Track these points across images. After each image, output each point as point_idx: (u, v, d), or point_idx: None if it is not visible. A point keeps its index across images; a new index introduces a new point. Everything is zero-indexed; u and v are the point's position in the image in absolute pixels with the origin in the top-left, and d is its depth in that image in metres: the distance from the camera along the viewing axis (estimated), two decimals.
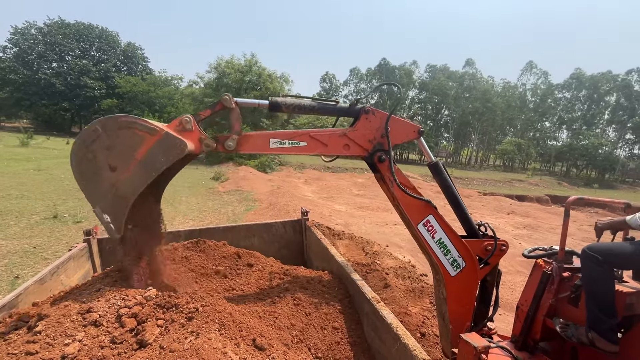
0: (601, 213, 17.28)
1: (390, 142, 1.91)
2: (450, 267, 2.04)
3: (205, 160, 23.29)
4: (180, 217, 8.42)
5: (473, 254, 2.02)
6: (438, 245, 2.03)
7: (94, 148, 1.57)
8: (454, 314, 2.13)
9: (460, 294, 2.07)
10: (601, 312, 1.81)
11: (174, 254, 2.49)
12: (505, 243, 2.00)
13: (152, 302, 1.56)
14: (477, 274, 2.04)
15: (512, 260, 7.15)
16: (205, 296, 1.58)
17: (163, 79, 44.55)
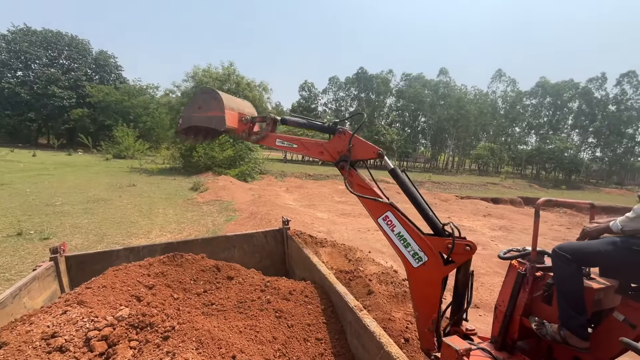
0: (569, 213, 18.19)
1: (351, 155, 2.37)
2: (412, 259, 2.15)
3: (183, 170, 22.71)
4: (157, 230, 8.12)
5: (435, 250, 2.10)
6: (398, 238, 2.22)
7: (198, 97, 2.65)
8: (419, 307, 2.21)
9: (423, 287, 2.16)
10: (572, 309, 1.88)
11: (149, 270, 2.38)
12: (470, 244, 2.04)
13: (125, 323, 1.47)
14: (441, 270, 2.10)
15: (489, 261, 7.36)
16: (182, 313, 1.51)
17: (138, 88, 43.37)
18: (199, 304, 2.12)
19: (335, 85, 57.35)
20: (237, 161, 22.32)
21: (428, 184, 29.70)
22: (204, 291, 2.34)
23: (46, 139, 44.51)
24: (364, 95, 54.29)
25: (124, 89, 40.47)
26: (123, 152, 29.68)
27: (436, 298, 2.14)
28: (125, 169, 21.39)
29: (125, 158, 28.91)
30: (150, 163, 24.55)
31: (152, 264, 2.46)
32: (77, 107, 38.53)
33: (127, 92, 39.80)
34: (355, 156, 2.39)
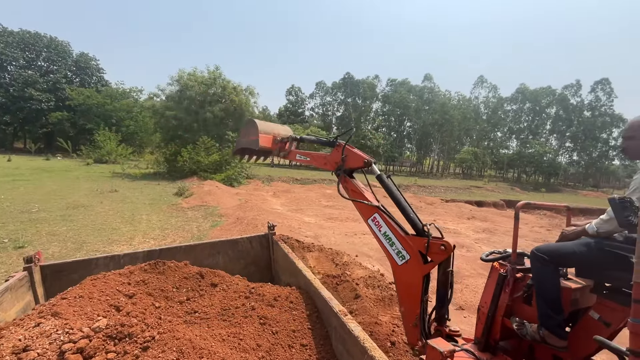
0: (549, 215, 18.78)
1: (344, 164, 2.67)
2: (397, 257, 2.29)
3: (168, 175, 22.25)
4: (140, 236, 7.91)
5: (415, 249, 2.21)
6: (384, 237, 2.39)
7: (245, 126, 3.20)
8: (403, 303, 2.30)
9: (406, 284, 2.27)
10: (549, 309, 1.94)
11: (129, 278, 2.31)
12: (445, 243, 2.12)
13: (102, 334, 1.42)
14: (421, 269, 2.19)
15: (474, 263, 7.49)
16: (163, 322, 1.47)
17: (121, 91, 42.38)
18: (181, 313, 2.07)
19: (322, 90, 57.69)
20: (224, 165, 22.06)
21: (414, 188, 30.12)
22: (187, 299, 2.29)
23: (22, 143, 42.84)
24: (351, 100, 54.79)
25: (106, 92, 39.48)
26: (105, 157, 28.88)
27: (418, 295, 2.22)
28: (107, 174, 20.81)
29: (107, 163, 28.14)
30: (134, 168, 23.98)
31: (133, 272, 2.39)
32: (56, 110, 37.31)
33: (110, 95, 38.83)
34: (348, 165, 2.68)
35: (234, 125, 25.66)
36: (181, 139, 23.42)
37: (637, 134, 1.89)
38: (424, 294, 2.21)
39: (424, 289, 2.21)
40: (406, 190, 28.00)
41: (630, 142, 1.92)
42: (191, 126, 23.68)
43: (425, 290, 2.23)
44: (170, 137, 23.85)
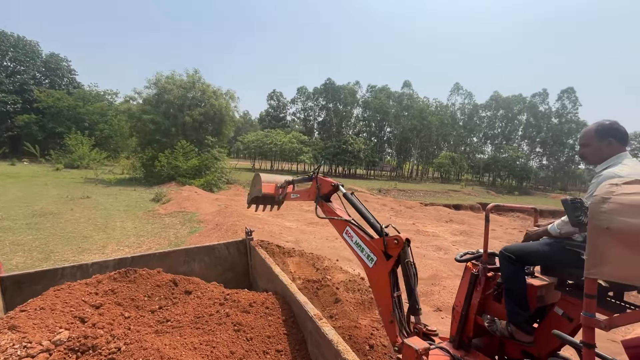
0: (522, 217, 19.57)
1: (319, 192, 3.12)
2: (367, 261, 2.50)
3: (144, 180, 21.54)
4: (114, 244, 7.60)
5: (378, 249, 2.42)
6: (356, 246, 2.63)
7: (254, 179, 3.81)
8: (379, 302, 2.42)
9: (378, 283, 2.42)
10: (516, 305, 2.03)
11: (97, 288, 2.21)
12: (397, 238, 2.33)
13: (63, 347, 1.35)
14: (385, 265, 2.36)
15: (451, 265, 7.68)
16: (130, 332, 1.41)
17: (94, 93, 40.81)
18: (152, 322, 2.00)
19: (303, 95, 57.86)
20: (203, 170, 21.60)
21: (394, 192, 30.61)
22: (159, 308, 2.22)
23: None
24: (332, 105, 55.24)
25: (78, 94, 37.87)
26: (76, 162, 27.61)
27: (388, 292, 2.35)
28: (78, 179, 19.90)
29: (79, 168, 26.91)
30: (108, 173, 23.05)
31: (101, 281, 2.29)
32: (22, 112, 35.42)
33: (82, 98, 37.29)
34: (323, 192, 3.13)
35: (214, 129, 25.22)
36: (159, 143, 22.76)
37: (590, 141, 2.03)
38: (395, 290, 2.34)
39: (392, 286, 2.35)
40: (387, 195, 28.43)
41: (586, 149, 2.07)
42: (169, 130, 23.07)
43: (395, 287, 2.36)
44: (147, 142, 23.12)
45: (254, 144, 44.41)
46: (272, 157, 48.95)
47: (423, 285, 6.45)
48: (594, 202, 1.10)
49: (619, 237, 1.01)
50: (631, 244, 0.99)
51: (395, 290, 2.35)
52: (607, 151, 1.96)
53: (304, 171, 50.25)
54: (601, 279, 1.05)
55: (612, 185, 1.11)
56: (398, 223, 13.94)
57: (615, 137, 1.95)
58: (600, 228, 1.05)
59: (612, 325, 1.06)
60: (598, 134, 2.00)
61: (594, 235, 1.06)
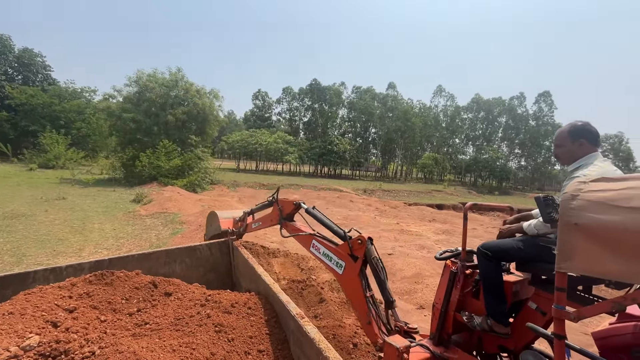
0: (502, 216, 20.17)
1: (282, 214, 3.24)
2: (337, 268, 2.59)
3: (125, 181, 20.90)
4: (92, 247, 7.34)
5: (345, 254, 2.53)
6: (324, 256, 2.73)
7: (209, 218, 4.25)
8: (355, 306, 2.48)
9: (351, 287, 2.50)
10: (494, 300, 2.09)
11: (71, 291, 2.13)
12: (361, 238, 2.46)
13: (33, 352, 1.29)
14: (354, 268, 2.46)
15: (434, 264, 7.82)
16: (106, 336, 1.36)
17: (71, 90, 39.28)
18: (130, 325, 1.94)
19: (289, 95, 57.64)
20: (186, 171, 21.16)
21: (379, 192, 30.94)
22: (138, 310, 2.15)
23: None
24: (317, 106, 55.29)
25: (53, 91, 36.31)
26: (51, 162, 26.47)
27: (361, 293, 2.41)
28: (53, 180, 19.11)
29: (55, 168, 25.82)
30: (86, 173, 22.23)
31: (76, 284, 2.20)
32: None
33: (58, 95, 35.80)
34: (285, 212, 3.26)
35: (198, 129, 24.76)
36: (140, 142, 22.14)
37: (563, 142, 2.10)
38: (367, 290, 2.40)
39: (364, 287, 2.42)
40: (372, 195, 28.69)
41: (559, 149, 2.14)
42: (151, 129, 22.48)
43: (367, 287, 2.43)
44: (127, 141, 22.44)
45: (239, 144, 43.89)
46: (257, 158, 48.52)
47: (406, 283, 6.54)
48: (563, 199, 1.15)
49: (587, 233, 1.06)
50: (598, 239, 1.04)
51: (368, 291, 2.42)
52: (579, 152, 2.02)
53: (290, 172, 50.05)
54: (570, 272, 1.10)
55: (580, 183, 1.16)
56: (382, 223, 14.11)
57: (586, 137, 2.02)
58: (570, 224, 1.09)
59: (580, 317, 1.11)
60: (570, 135, 2.07)
61: (564, 231, 1.11)
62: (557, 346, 1.13)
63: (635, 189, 1.01)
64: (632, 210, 0.97)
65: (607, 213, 1.02)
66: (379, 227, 12.83)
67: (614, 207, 1.01)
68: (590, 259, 1.05)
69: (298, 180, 34.50)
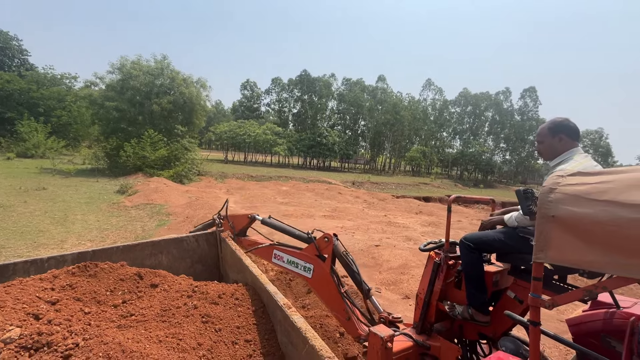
0: (486, 209, 20.68)
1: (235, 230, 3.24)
2: (306, 273, 2.60)
3: (109, 171, 20.37)
4: (74, 238, 7.17)
5: (312, 256, 2.56)
6: (289, 264, 2.73)
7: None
8: (331, 306, 2.52)
9: (323, 288, 2.52)
10: (476, 290, 2.16)
11: (53, 283, 2.09)
12: (327, 236, 2.50)
13: (14, 345, 1.27)
14: (325, 267, 2.49)
15: (420, 255, 7.98)
16: (90, 328, 1.35)
17: (50, 77, 37.69)
18: (115, 317, 1.92)
19: (278, 86, 56.92)
20: (172, 161, 20.77)
21: (367, 184, 31.18)
22: (123, 302, 2.13)
23: None
24: (307, 97, 54.85)
25: (31, 77, 34.78)
26: (30, 151, 25.50)
27: (336, 291, 2.44)
28: (33, 169, 18.46)
29: (34, 157, 24.91)
30: (67, 163, 21.53)
31: (58, 276, 2.16)
32: None
33: (36, 81, 34.31)
34: (238, 228, 3.26)
35: (184, 119, 24.24)
36: (124, 132, 21.55)
37: (544, 138, 2.17)
38: (341, 287, 2.45)
39: (338, 284, 2.46)
40: (360, 187, 28.89)
41: (540, 145, 2.21)
42: (135, 119, 21.88)
43: (340, 284, 2.46)
44: (111, 130, 21.79)
45: (227, 135, 43.25)
46: (245, 149, 47.99)
47: (392, 274, 6.67)
48: (542, 192, 1.19)
49: (563, 225, 1.10)
50: (573, 230, 1.08)
51: (341, 287, 2.46)
52: (559, 147, 2.08)
53: (279, 163, 49.77)
54: (547, 262, 1.15)
55: (558, 177, 1.20)
56: (370, 215, 14.26)
57: (565, 132, 2.08)
58: (547, 216, 1.13)
59: (554, 304, 1.16)
60: (550, 130, 2.13)
61: (541, 223, 1.15)
62: (532, 332, 1.19)
63: (609, 182, 1.06)
64: (605, 204, 1.01)
65: (582, 206, 1.06)
66: (367, 219, 12.97)
67: (589, 200, 1.05)
68: (565, 250, 1.10)
69: (287, 172, 34.36)
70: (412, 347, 2.27)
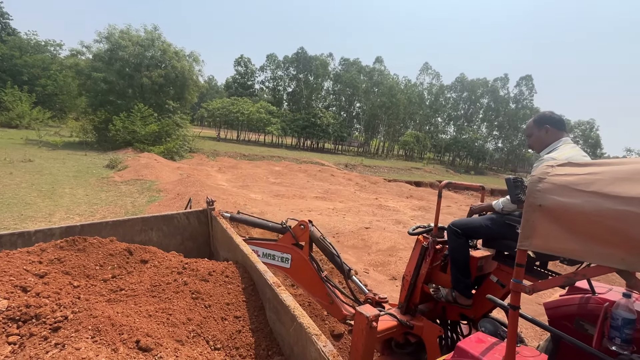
0: (475, 195, 21.06)
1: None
2: (284, 263, 2.62)
3: (97, 145, 19.93)
4: (62, 212, 7.09)
5: (289, 244, 2.59)
6: (265, 257, 2.72)
7: None
8: (312, 292, 2.58)
9: (303, 275, 2.55)
10: (460, 274, 2.24)
11: (41, 256, 2.07)
12: (303, 223, 2.53)
13: (2, 317, 1.27)
14: (302, 255, 2.54)
15: (408, 239, 8.15)
16: (79, 301, 1.36)
17: (33, 43, 35.97)
18: (104, 291, 1.93)
19: (273, 63, 55.39)
20: (163, 137, 20.40)
21: (360, 168, 31.26)
22: (112, 277, 2.14)
23: None
24: (303, 76, 53.66)
25: (13, 42, 33.14)
26: (15, 121, 24.68)
27: (316, 276, 2.49)
28: (18, 140, 17.96)
29: (18, 128, 24.15)
30: (54, 135, 20.95)
31: (45, 249, 2.14)
32: None
33: (19, 47, 32.74)
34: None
35: (176, 94, 23.59)
36: (113, 105, 20.94)
37: (532, 131, 2.27)
38: (320, 272, 2.49)
39: (318, 269, 2.50)
40: (353, 170, 28.97)
41: (529, 139, 2.32)
42: (125, 91, 21.23)
43: (319, 269, 2.51)
44: (99, 103, 21.14)
45: (219, 112, 42.37)
46: (238, 127, 47.25)
47: (381, 256, 6.82)
48: (530, 181, 1.20)
49: (549, 214, 1.12)
50: (558, 220, 1.11)
51: (321, 272, 2.51)
52: (547, 138, 2.16)
53: (272, 143, 49.29)
54: (531, 250, 1.18)
55: (548, 166, 1.21)
56: (362, 197, 14.39)
57: (549, 123, 2.15)
58: (534, 205, 1.15)
59: (535, 290, 1.20)
60: (535, 123, 2.22)
61: (528, 212, 1.17)
62: (511, 316, 1.24)
63: (597, 174, 1.08)
64: (591, 194, 1.03)
65: (569, 196, 1.08)
66: (358, 201, 13.09)
67: (576, 191, 1.07)
68: (550, 239, 1.12)
69: (280, 152, 34.13)
70: (396, 327, 2.36)
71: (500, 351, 1.36)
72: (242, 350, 1.68)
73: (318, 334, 1.39)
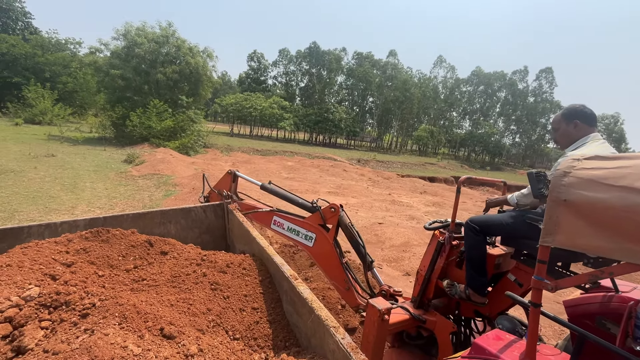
0: (491, 191, 20.62)
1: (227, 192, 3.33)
2: (306, 241, 2.59)
3: (115, 140, 20.46)
4: (84, 205, 7.35)
5: (316, 225, 2.55)
6: (289, 232, 2.70)
7: None
8: (330, 276, 2.54)
9: (324, 257, 2.53)
10: (476, 272, 2.20)
11: (67, 247, 2.16)
12: (334, 206, 2.47)
13: (34, 303, 1.34)
14: (327, 238, 2.50)
15: (422, 234, 8.07)
16: (105, 290, 1.42)
17: (54, 41, 37.03)
18: (127, 280, 2.01)
19: (285, 58, 55.33)
20: (178, 132, 20.75)
21: (373, 163, 31.04)
22: (134, 267, 2.21)
23: None
24: (315, 71, 53.41)
25: (35, 41, 34.18)
26: (38, 117, 25.56)
27: (337, 261, 2.45)
28: (41, 136, 18.62)
29: (41, 124, 25.02)
30: (74, 131, 21.63)
31: (72, 240, 2.23)
32: None
33: (40, 45, 33.75)
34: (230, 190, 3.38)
35: (190, 89, 23.91)
36: (130, 101, 21.41)
37: (559, 125, 2.14)
38: (342, 258, 2.46)
39: (340, 254, 2.47)
40: (365, 165, 28.78)
41: (556, 133, 2.18)
42: (141, 88, 21.65)
43: (341, 254, 2.49)
44: (116, 99, 21.65)
45: (233, 107, 42.76)
46: (251, 122, 47.59)
47: (394, 251, 6.79)
48: (555, 175, 1.17)
49: (574, 209, 1.09)
50: (584, 215, 1.07)
51: (342, 257, 2.49)
52: (575, 133, 2.02)
53: (284, 138, 49.45)
54: (554, 246, 1.15)
55: (574, 160, 1.18)
56: (375, 193, 14.31)
57: (579, 118, 2.02)
58: (559, 200, 1.12)
59: (557, 288, 1.18)
60: (564, 117, 2.08)
61: (552, 207, 1.14)
62: (532, 313, 1.21)
63: (627, 167, 1.04)
64: (621, 189, 1.00)
65: (597, 191, 1.05)
66: (371, 197, 13.03)
67: (604, 185, 1.04)
68: (574, 234, 1.09)
69: (292, 147, 34.22)
70: (408, 320, 2.36)
71: (519, 349, 1.34)
72: (260, 341, 1.72)
73: (336, 326, 1.40)
